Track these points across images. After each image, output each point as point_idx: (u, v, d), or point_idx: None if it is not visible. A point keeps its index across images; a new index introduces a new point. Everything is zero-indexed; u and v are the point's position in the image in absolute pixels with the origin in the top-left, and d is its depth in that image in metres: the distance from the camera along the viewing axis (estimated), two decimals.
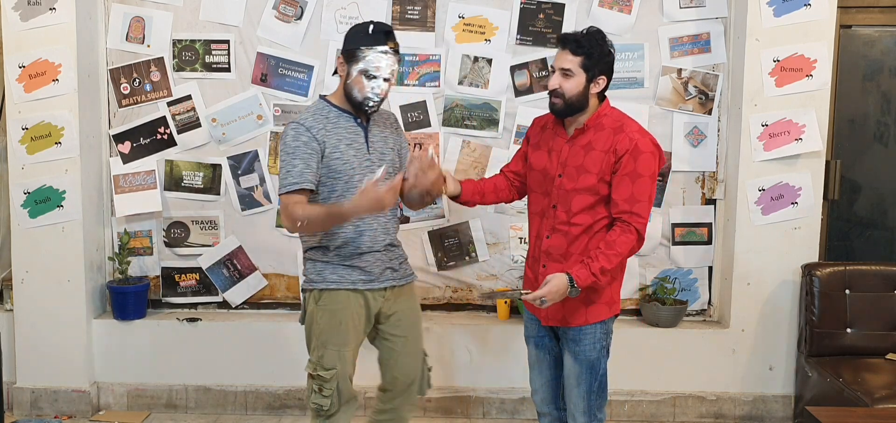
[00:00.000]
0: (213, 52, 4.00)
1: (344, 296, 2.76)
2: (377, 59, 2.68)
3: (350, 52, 2.71)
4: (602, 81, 2.68)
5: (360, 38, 2.70)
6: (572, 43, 2.65)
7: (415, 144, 2.74)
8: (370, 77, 2.69)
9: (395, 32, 3.89)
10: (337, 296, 2.76)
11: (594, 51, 2.64)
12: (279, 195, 2.69)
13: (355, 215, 2.66)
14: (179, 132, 4.04)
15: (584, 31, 2.69)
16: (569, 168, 2.71)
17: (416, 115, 4.00)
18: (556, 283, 2.57)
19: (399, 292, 2.89)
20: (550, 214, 2.75)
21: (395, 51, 2.75)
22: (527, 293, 2.65)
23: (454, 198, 2.93)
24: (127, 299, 4.00)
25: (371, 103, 2.73)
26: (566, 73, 2.65)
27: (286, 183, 2.66)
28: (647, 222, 2.66)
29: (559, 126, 2.78)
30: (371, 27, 2.71)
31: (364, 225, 2.76)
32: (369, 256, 2.78)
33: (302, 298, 2.88)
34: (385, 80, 2.71)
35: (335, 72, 2.81)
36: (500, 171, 3.05)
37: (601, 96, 2.73)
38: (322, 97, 2.82)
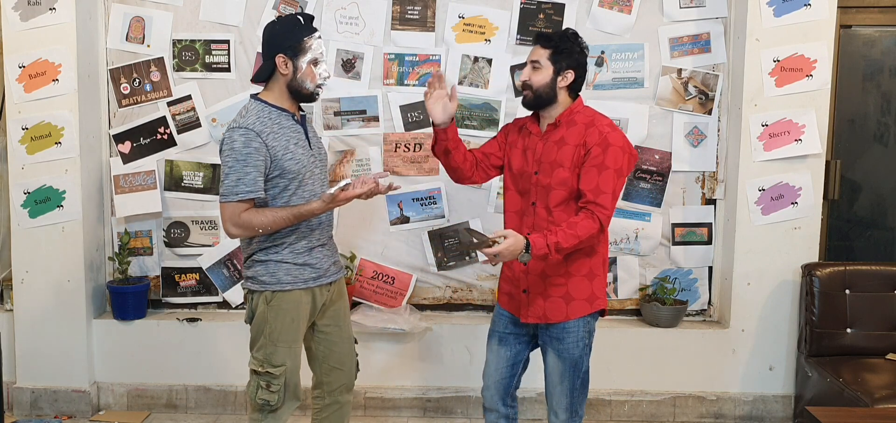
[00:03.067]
0: (213, 52, 4.00)
1: (297, 295, 2.77)
2: (318, 44, 2.73)
3: (294, 47, 2.69)
4: (570, 75, 2.75)
5: (298, 30, 2.70)
6: (543, 38, 2.78)
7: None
8: (317, 63, 2.74)
9: (396, 32, 3.97)
10: (290, 296, 2.76)
11: (562, 45, 2.74)
12: (226, 201, 2.63)
13: (313, 216, 2.72)
14: (179, 132, 4.04)
15: (559, 31, 2.81)
16: (544, 164, 2.76)
17: (415, 115, 4.00)
18: (513, 241, 2.54)
19: (337, 285, 2.94)
20: (530, 211, 2.79)
21: None
22: (484, 240, 2.57)
23: (438, 123, 2.81)
24: (127, 299, 4.00)
25: (322, 88, 2.78)
26: (535, 65, 2.76)
27: (238, 191, 2.61)
28: (611, 216, 2.70)
29: (534, 124, 2.85)
30: (301, 17, 2.73)
31: (315, 221, 2.79)
32: (318, 251, 2.81)
33: (248, 298, 2.83)
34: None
35: (269, 76, 2.74)
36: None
37: (574, 94, 2.80)
38: (257, 98, 2.75)
